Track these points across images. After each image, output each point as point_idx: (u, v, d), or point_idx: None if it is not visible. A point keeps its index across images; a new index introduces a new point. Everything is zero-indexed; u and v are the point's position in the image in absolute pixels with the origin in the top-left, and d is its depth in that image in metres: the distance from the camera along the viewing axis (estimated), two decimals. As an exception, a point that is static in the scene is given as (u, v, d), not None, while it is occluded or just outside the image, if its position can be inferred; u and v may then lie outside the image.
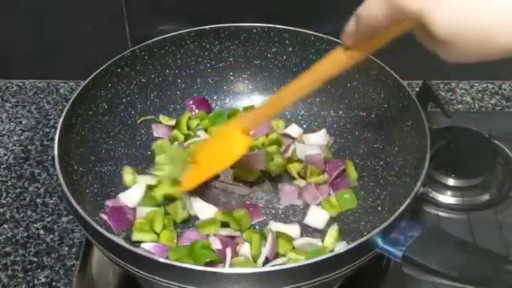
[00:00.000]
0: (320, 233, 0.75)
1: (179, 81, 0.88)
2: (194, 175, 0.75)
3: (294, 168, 0.81)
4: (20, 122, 0.97)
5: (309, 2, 0.93)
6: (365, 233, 0.64)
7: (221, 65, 0.89)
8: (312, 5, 0.93)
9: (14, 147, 0.93)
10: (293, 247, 0.73)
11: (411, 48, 0.99)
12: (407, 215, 0.64)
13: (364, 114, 0.84)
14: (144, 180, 0.79)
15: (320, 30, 0.85)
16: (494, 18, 0.44)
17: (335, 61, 0.59)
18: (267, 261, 0.71)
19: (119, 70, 0.82)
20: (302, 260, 0.66)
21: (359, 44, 0.56)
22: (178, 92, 0.89)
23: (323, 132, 0.86)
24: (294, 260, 0.70)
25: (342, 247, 0.64)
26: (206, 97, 0.90)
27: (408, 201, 0.64)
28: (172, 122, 0.87)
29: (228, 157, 0.72)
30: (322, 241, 0.74)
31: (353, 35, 0.55)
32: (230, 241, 0.73)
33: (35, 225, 0.82)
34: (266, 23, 0.87)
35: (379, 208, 0.76)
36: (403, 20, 0.48)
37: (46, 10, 0.95)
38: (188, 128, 0.86)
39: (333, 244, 0.73)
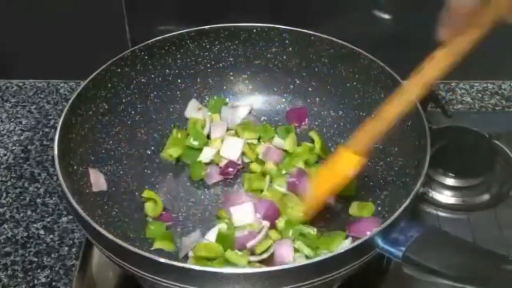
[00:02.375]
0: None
1: (179, 81, 0.88)
2: (311, 204, 0.75)
3: None
4: (20, 122, 0.97)
5: (309, 2, 0.93)
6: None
7: (221, 65, 0.89)
8: (312, 5, 0.93)
9: (14, 147, 0.93)
10: None
11: (412, 48, 0.99)
12: (407, 215, 0.64)
13: (364, 114, 0.84)
14: None
15: (320, 30, 0.85)
16: None
17: (437, 63, 0.59)
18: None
19: (119, 70, 0.82)
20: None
21: (455, 38, 0.56)
22: (178, 92, 0.89)
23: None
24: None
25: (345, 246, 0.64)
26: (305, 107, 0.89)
27: (408, 201, 0.64)
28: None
29: (341, 175, 0.71)
30: None
31: (446, 25, 0.55)
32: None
33: (35, 225, 0.82)
34: (266, 23, 0.87)
35: (379, 208, 0.76)
36: None
37: (46, 10, 0.95)
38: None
39: None
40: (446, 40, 0.57)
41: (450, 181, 0.84)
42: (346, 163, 0.71)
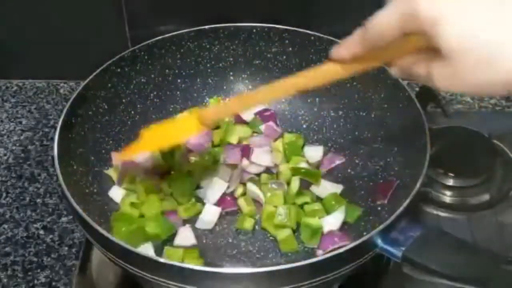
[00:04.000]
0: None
1: (179, 81, 0.88)
2: (136, 147, 0.72)
3: None
4: (20, 122, 0.97)
5: (309, 2, 0.93)
6: (365, 233, 0.64)
7: (221, 65, 0.89)
8: (312, 5, 0.93)
9: (14, 147, 0.93)
10: None
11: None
12: (407, 215, 0.64)
13: (364, 114, 0.84)
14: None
15: (320, 30, 0.85)
16: (504, 38, 0.43)
17: (325, 74, 0.58)
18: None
19: (119, 70, 0.82)
20: None
21: (356, 58, 0.54)
22: (178, 92, 0.89)
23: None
24: None
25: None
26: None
27: (408, 201, 0.64)
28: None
29: (175, 136, 0.70)
30: None
31: (355, 45, 0.53)
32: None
33: (35, 225, 0.82)
34: (266, 23, 0.87)
35: (379, 208, 0.76)
36: (411, 31, 0.47)
37: (46, 10, 0.95)
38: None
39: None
40: (338, 59, 0.55)
41: (450, 181, 0.84)
42: (187, 127, 0.68)
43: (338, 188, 0.80)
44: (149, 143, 0.71)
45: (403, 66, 0.53)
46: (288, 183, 0.79)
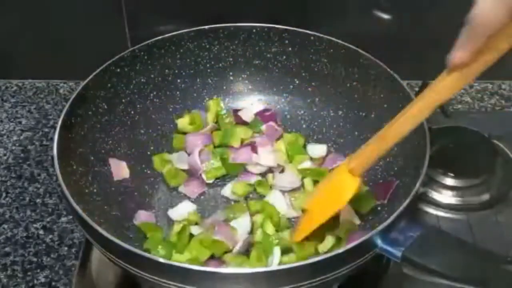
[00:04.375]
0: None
1: (178, 81, 0.88)
2: (306, 224, 0.72)
3: None
4: (20, 122, 0.97)
5: (309, 2, 0.93)
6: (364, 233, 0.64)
7: (220, 65, 0.89)
8: (312, 5, 0.93)
9: (13, 147, 0.93)
10: None
11: (412, 48, 0.99)
12: (407, 215, 0.64)
13: (364, 114, 0.84)
14: None
15: (320, 30, 0.85)
16: None
17: (448, 86, 0.57)
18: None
19: (118, 70, 0.82)
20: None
21: (471, 59, 0.53)
22: (177, 92, 0.88)
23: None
24: None
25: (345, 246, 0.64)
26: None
27: (407, 201, 0.64)
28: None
29: (338, 201, 0.69)
30: None
31: (466, 46, 0.52)
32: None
33: (34, 225, 0.82)
34: (266, 23, 0.87)
35: (379, 208, 0.76)
36: None
37: (45, 10, 0.95)
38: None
39: None
40: (460, 64, 0.54)
41: (449, 181, 0.84)
42: (347, 187, 0.67)
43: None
44: (317, 216, 0.70)
45: None
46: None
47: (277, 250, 0.71)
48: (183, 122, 0.86)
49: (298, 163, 0.82)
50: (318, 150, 0.85)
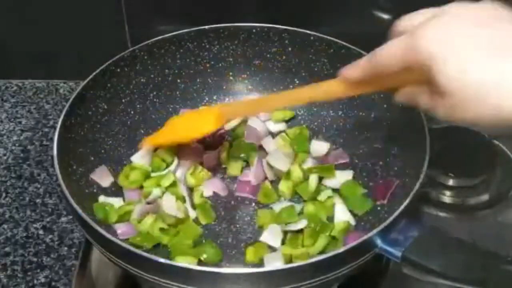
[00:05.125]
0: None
1: (178, 81, 0.88)
2: (159, 136, 0.80)
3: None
4: (20, 122, 0.97)
5: (309, 2, 0.93)
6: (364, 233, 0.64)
7: (220, 65, 0.89)
8: (312, 5, 0.93)
9: (13, 147, 0.93)
10: None
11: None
12: (407, 215, 0.64)
13: (364, 114, 0.84)
14: None
15: (320, 30, 0.85)
16: (493, 77, 0.46)
17: (330, 90, 0.63)
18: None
19: (118, 70, 0.82)
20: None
21: (359, 81, 0.58)
22: (177, 92, 0.89)
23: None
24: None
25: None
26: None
27: (407, 201, 0.64)
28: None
29: (194, 132, 0.76)
30: None
31: (361, 70, 0.57)
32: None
33: (34, 225, 0.82)
34: (266, 23, 0.87)
35: (379, 208, 0.76)
36: (412, 64, 0.50)
37: (46, 10, 0.95)
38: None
39: None
40: (347, 79, 0.59)
41: (450, 181, 0.84)
42: (206, 122, 0.75)
43: (349, 175, 0.80)
44: (171, 134, 0.79)
45: (407, 94, 0.57)
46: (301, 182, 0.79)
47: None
48: None
49: (301, 161, 0.82)
50: (320, 147, 0.84)
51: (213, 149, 0.83)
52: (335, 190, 0.79)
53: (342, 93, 0.62)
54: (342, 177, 0.80)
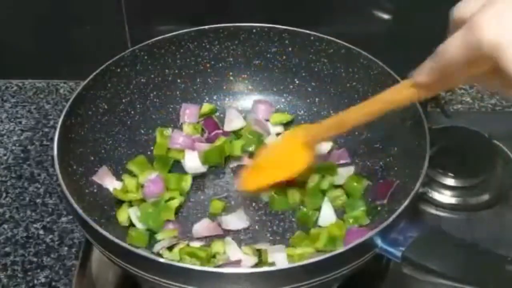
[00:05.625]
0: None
1: (178, 81, 0.88)
2: (256, 177, 0.76)
3: None
4: (20, 122, 0.97)
5: (309, 2, 0.93)
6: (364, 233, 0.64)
7: (220, 65, 0.89)
8: (312, 5, 0.93)
9: (13, 147, 0.93)
10: None
11: (412, 48, 0.99)
12: (407, 215, 0.64)
13: (364, 114, 0.84)
14: None
15: (320, 30, 0.85)
16: None
17: (401, 95, 0.61)
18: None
19: (118, 70, 0.82)
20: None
21: (430, 83, 0.56)
22: (177, 92, 0.88)
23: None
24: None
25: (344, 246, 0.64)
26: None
27: (407, 201, 0.64)
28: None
29: (291, 168, 0.73)
30: None
31: (428, 72, 0.55)
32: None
33: (34, 225, 0.82)
34: (266, 23, 0.87)
35: (379, 208, 0.76)
36: (478, 58, 0.48)
37: (46, 10, 0.95)
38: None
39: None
40: (420, 84, 0.57)
41: (450, 181, 0.84)
42: (301, 159, 0.72)
43: (350, 170, 0.81)
44: (268, 174, 0.75)
45: (481, 84, 0.56)
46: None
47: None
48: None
49: None
50: (322, 145, 0.84)
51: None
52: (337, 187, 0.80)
53: (417, 98, 0.60)
54: (345, 172, 0.80)
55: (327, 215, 0.76)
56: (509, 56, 0.46)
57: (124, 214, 0.75)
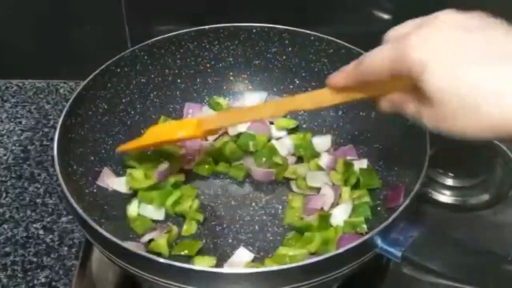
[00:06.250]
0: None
1: (178, 81, 0.88)
2: (135, 141, 0.77)
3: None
4: (20, 122, 0.97)
5: (309, 2, 0.93)
6: (364, 233, 0.64)
7: (220, 65, 0.89)
8: (312, 5, 0.93)
9: (13, 147, 0.93)
10: None
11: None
12: (407, 215, 0.64)
13: (364, 114, 0.84)
14: None
15: (320, 30, 0.85)
16: (489, 85, 0.45)
17: (318, 99, 0.61)
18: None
19: (118, 70, 0.82)
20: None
21: (348, 88, 0.57)
22: (177, 92, 0.89)
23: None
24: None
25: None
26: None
27: (407, 201, 0.64)
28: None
29: (171, 135, 0.74)
30: None
31: (349, 76, 0.56)
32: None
33: (34, 225, 0.82)
34: (266, 23, 0.87)
35: (379, 208, 0.76)
36: (400, 72, 0.49)
37: (46, 10, 0.95)
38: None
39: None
40: (334, 87, 0.58)
41: (450, 181, 0.84)
42: (185, 127, 0.73)
43: (363, 163, 0.81)
44: (149, 138, 0.76)
45: (394, 101, 0.56)
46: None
47: None
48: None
49: (315, 165, 0.82)
50: (322, 142, 0.85)
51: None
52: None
53: (330, 102, 0.60)
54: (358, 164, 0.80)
55: (338, 215, 0.76)
56: (432, 78, 0.47)
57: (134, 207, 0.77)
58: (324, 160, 0.82)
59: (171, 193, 0.77)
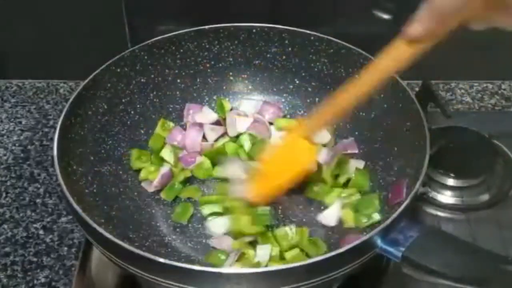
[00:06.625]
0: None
1: (178, 81, 0.88)
2: (264, 187, 0.74)
3: None
4: (20, 122, 0.97)
5: (309, 2, 0.93)
6: (364, 233, 0.64)
7: (220, 65, 0.89)
8: (312, 5, 0.93)
9: (13, 147, 0.93)
10: None
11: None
12: (407, 215, 0.64)
13: (364, 114, 0.84)
14: None
15: (320, 30, 0.85)
16: None
17: (397, 56, 0.59)
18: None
19: (118, 70, 0.82)
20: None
21: (424, 34, 0.55)
22: (177, 92, 0.89)
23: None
24: None
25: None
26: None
27: (407, 201, 0.64)
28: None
29: (297, 168, 0.72)
30: None
31: (423, 21, 0.54)
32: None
33: (34, 225, 0.82)
34: (266, 23, 0.87)
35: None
36: None
37: (46, 10, 0.95)
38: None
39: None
40: (415, 37, 0.56)
41: (450, 181, 0.84)
42: (305, 153, 0.71)
43: (360, 164, 0.81)
44: (275, 181, 0.73)
45: (482, 23, 0.54)
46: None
47: None
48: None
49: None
50: (321, 136, 0.84)
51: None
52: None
53: (412, 53, 0.58)
54: (355, 164, 0.81)
55: (330, 215, 0.76)
56: None
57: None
58: (323, 155, 0.81)
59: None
